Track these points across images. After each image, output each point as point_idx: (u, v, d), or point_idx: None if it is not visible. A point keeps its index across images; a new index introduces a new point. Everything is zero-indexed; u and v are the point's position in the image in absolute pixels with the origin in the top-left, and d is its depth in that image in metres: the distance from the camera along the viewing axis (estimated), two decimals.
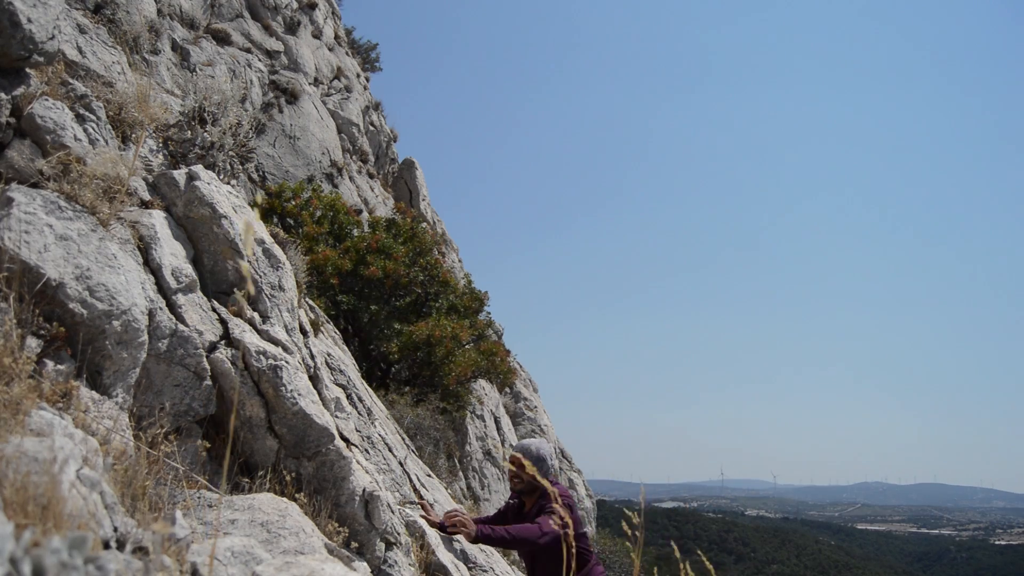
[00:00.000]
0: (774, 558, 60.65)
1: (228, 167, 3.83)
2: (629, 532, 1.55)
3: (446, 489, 5.63)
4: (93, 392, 2.22)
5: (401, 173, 16.35)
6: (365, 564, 2.76)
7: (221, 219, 3.08)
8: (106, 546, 1.55)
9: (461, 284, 11.74)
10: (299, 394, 2.87)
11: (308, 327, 3.85)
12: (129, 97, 3.31)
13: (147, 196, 3.06)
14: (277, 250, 3.47)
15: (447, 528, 3.25)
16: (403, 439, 5.47)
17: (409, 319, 9.56)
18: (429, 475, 5.18)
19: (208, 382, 2.68)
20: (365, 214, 12.38)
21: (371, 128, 15.90)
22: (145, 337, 2.43)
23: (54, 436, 1.67)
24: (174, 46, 9.12)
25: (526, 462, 3.66)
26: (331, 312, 8.52)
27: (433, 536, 3.39)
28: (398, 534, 3.06)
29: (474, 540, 3.35)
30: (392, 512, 3.08)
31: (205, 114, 3.69)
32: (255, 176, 10.77)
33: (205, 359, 2.69)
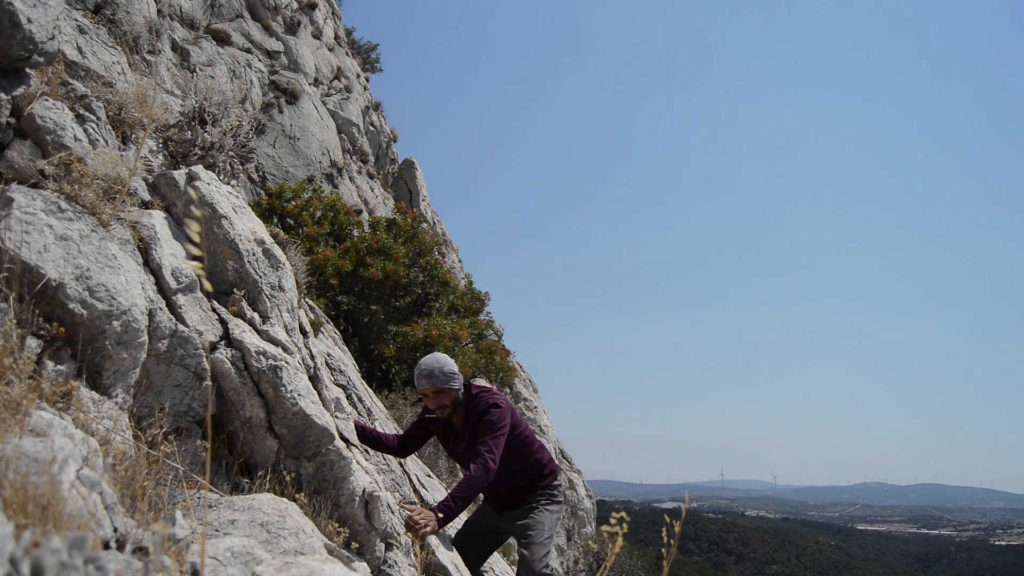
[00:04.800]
0: (774, 558, 60.64)
1: (228, 167, 3.83)
2: (666, 540, 1.58)
3: (446, 489, 5.63)
4: (93, 392, 2.22)
5: (401, 173, 16.35)
6: (365, 565, 2.76)
7: (221, 219, 3.08)
8: (106, 546, 1.55)
9: (462, 285, 11.74)
10: (299, 394, 2.87)
11: (308, 327, 3.85)
12: (129, 97, 3.31)
13: (147, 196, 3.06)
14: (277, 250, 3.47)
15: (409, 532, 3.22)
16: None
17: (408, 320, 9.56)
18: (429, 475, 5.19)
19: (208, 382, 2.68)
20: (365, 214, 12.38)
21: (371, 128, 15.91)
22: (145, 337, 2.44)
23: (54, 436, 1.67)
24: (174, 46, 9.13)
25: (440, 388, 3.62)
26: (331, 312, 8.52)
27: (433, 536, 3.39)
28: (398, 534, 3.06)
29: (440, 527, 3.34)
30: (392, 512, 3.08)
31: (205, 114, 3.69)
32: (255, 176, 10.77)
33: (205, 359, 2.69)
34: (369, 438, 3.80)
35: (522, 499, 3.80)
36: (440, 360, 3.61)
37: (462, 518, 4.27)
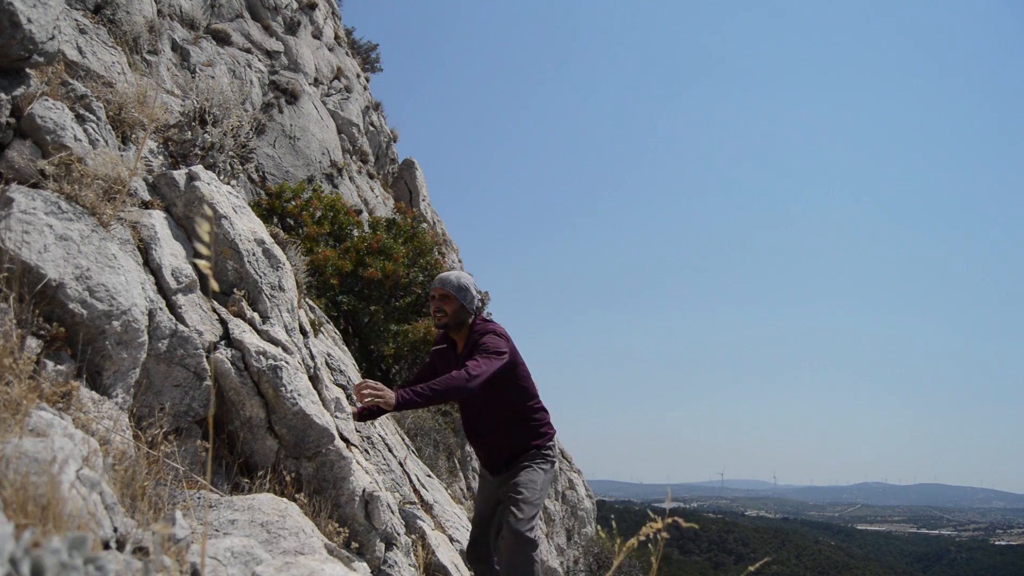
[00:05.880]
0: (774, 559, 60.54)
1: (228, 167, 3.83)
2: (652, 534, 1.56)
3: (446, 489, 5.63)
4: (93, 392, 2.22)
5: (401, 173, 16.34)
6: (365, 564, 2.76)
7: (221, 219, 3.08)
8: (106, 546, 1.55)
9: None
10: (299, 394, 2.87)
11: (308, 327, 3.85)
12: (129, 97, 3.31)
13: (147, 196, 3.06)
14: (277, 250, 3.47)
15: (362, 408, 3.05)
16: (403, 439, 5.47)
17: (408, 320, 9.56)
18: (429, 475, 5.18)
19: (208, 382, 2.68)
20: (365, 214, 12.38)
21: (371, 128, 15.90)
22: (145, 337, 2.44)
23: (54, 436, 1.67)
24: (174, 46, 9.12)
25: (448, 292, 3.58)
26: (331, 312, 8.52)
27: (433, 537, 3.39)
28: (398, 534, 3.06)
29: (395, 408, 3.04)
30: (392, 512, 3.08)
31: (206, 115, 3.69)
32: (255, 176, 10.76)
33: (205, 359, 2.69)
34: (374, 412, 3.73)
35: (515, 458, 3.63)
36: (463, 275, 3.61)
37: (465, 518, 4.25)
